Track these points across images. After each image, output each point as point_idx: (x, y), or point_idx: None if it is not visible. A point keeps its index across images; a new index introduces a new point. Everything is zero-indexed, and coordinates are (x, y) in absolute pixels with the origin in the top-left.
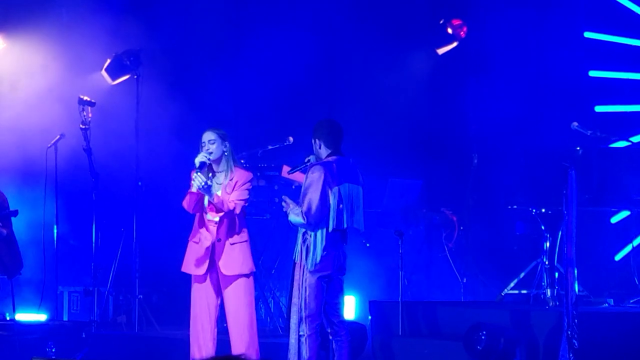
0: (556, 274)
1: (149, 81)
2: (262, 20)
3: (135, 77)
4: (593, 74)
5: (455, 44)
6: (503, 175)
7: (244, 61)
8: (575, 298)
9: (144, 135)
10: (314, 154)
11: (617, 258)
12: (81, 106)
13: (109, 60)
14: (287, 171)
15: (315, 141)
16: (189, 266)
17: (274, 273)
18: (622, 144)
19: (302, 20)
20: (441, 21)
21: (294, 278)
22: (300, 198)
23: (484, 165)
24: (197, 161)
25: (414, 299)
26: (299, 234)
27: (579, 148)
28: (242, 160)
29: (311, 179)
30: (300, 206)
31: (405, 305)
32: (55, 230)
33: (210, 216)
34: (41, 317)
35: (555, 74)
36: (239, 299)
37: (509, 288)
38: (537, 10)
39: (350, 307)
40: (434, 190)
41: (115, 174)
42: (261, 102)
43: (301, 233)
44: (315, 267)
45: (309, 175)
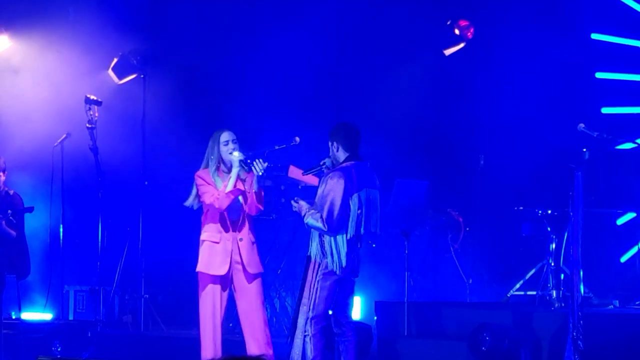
0: (562, 276)
1: (155, 80)
2: (270, 20)
3: (141, 77)
4: (600, 75)
5: (462, 44)
6: (509, 177)
7: (251, 61)
8: (580, 299)
9: (151, 135)
10: (330, 157)
11: (623, 260)
12: (88, 105)
13: (115, 60)
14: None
15: (332, 144)
16: (209, 266)
17: (280, 273)
18: (629, 146)
19: (311, 20)
20: (448, 22)
21: (305, 277)
22: (317, 203)
23: (490, 166)
24: (237, 158)
25: (419, 299)
26: (314, 233)
27: (585, 150)
28: (249, 160)
29: (331, 185)
30: (320, 211)
31: (411, 306)
32: (61, 229)
33: (232, 216)
34: (47, 316)
35: (562, 75)
36: (259, 298)
37: (514, 289)
38: (544, 12)
39: (356, 308)
40: (440, 190)
41: (122, 174)
42: (268, 102)
43: (317, 233)
44: (342, 271)
45: (329, 181)
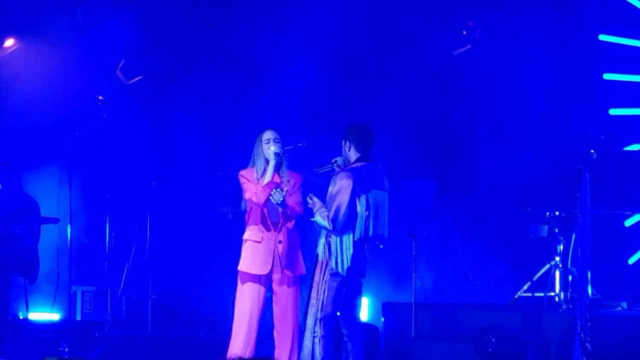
0: (570, 277)
1: (163, 81)
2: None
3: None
4: (607, 77)
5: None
6: (517, 178)
7: (259, 63)
8: (588, 301)
9: (158, 136)
10: (342, 156)
11: (631, 261)
12: (96, 105)
13: (123, 60)
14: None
15: (345, 143)
16: (252, 266)
17: None
18: (637, 147)
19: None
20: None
21: (313, 278)
22: (327, 202)
23: (498, 167)
24: (273, 152)
25: (427, 301)
26: (322, 232)
27: (593, 151)
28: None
29: (340, 185)
30: (327, 210)
31: (419, 307)
32: (69, 230)
33: (273, 217)
34: (54, 317)
35: (569, 76)
36: (295, 301)
37: (522, 291)
38: (552, 13)
39: (363, 309)
40: (448, 191)
41: (129, 174)
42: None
43: (324, 232)
44: (346, 272)
45: (338, 181)
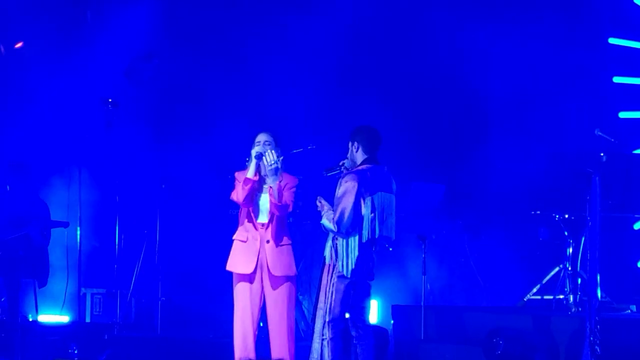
0: (579, 280)
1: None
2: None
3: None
4: (617, 80)
5: None
6: (526, 180)
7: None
8: (597, 304)
9: (168, 138)
10: (348, 157)
11: None
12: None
13: (131, 62)
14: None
15: (353, 144)
16: (236, 265)
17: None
18: None
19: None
20: None
21: (321, 281)
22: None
23: (507, 170)
24: (255, 152)
25: (436, 303)
26: (329, 235)
27: (602, 154)
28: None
29: (345, 187)
30: (333, 213)
31: (428, 310)
32: (78, 232)
33: (259, 218)
34: (64, 319)
35: (579, 79)
36: (284, 302)
37: (531, 293)
38: (562, 16)
39: (372, 311)
40: (457, 194)
41: (139, 176)
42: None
43: (331, 235)
44: (353, 274)
45: (343, 183)
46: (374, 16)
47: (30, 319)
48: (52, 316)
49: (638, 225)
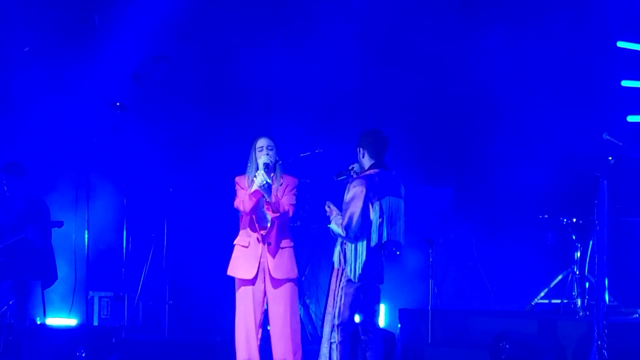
0: (587, 284)
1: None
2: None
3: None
4: (625, 83)
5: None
6: (534, 184)
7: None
8: (605, 308)
9: (175, 141)
10: (358, 162)
11: None
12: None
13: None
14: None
15: (359, 150)
16: (237, 270)
17: (304, 280)
18: None
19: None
20: None
21: (330, 286)
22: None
23: (515, 174)
24: (262, 162)
25: (443, 307)
26: (338, 240)
27: (611, 158)
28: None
29: (353, 192)
30: (342, 218)
31: (435, 314)
32: (86, 235)
33: (261, 223)
34: (71, 322)
35: (587, 83)
36: (287, 304)
37: (539, 297)
38: (570, 19)
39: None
40: (465, 198)
41: (147, 180)
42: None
43: (340, 240)
44: (361, 278)
45: (351, 188)
46: (381, 20)
47: (38, 322)
48: (60, 319)
49: None
